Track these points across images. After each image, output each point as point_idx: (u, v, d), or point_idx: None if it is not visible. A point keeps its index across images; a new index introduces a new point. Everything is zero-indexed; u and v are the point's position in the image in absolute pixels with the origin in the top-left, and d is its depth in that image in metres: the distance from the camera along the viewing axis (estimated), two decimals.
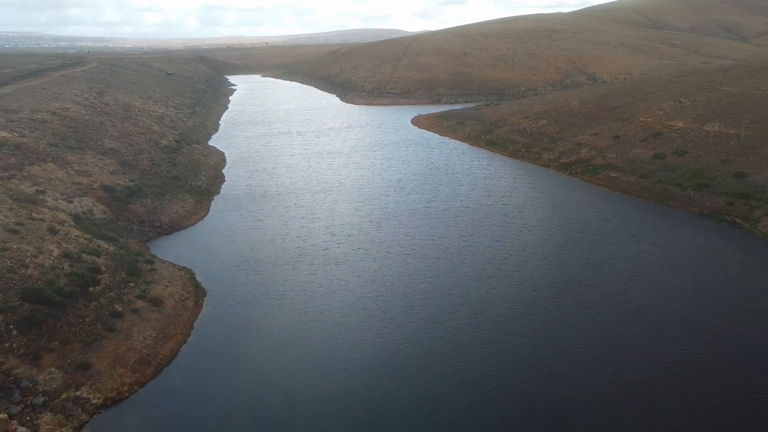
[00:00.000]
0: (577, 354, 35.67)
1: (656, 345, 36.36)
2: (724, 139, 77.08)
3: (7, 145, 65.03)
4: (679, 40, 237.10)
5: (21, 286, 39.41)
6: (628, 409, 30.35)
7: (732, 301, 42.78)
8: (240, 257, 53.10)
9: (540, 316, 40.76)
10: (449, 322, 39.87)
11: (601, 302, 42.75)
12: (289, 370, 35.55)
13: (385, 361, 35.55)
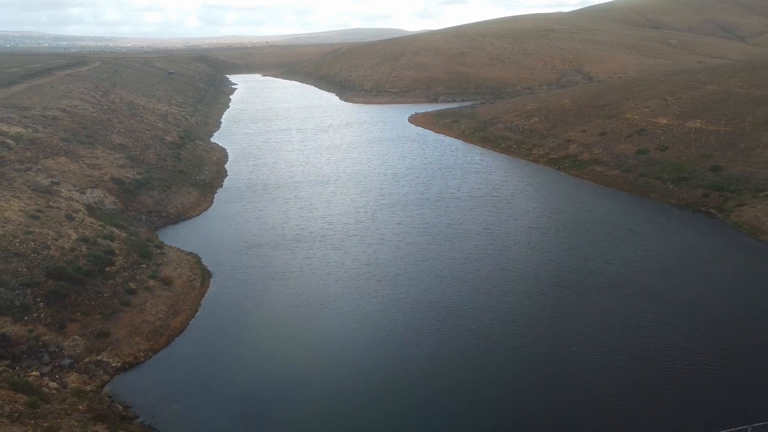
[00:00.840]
0: (550, 321, 39.99)
1: (625, 316, 40.64)
2: (704, 135, 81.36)
3: (23, 140, 69.41)
4: (675, 39, 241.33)
5: (45, 265, 43.82)
6: (590, 362, 34.62)
7: (697, 279, 47.13)
8: (242, 243, 57.41)
9: (519, 293, 44.94)
10: (436, 298, 44.14)
11: (577, 281, 47.02)
12: (287, 338, 39.88)
13: (376, 331, 39.89)
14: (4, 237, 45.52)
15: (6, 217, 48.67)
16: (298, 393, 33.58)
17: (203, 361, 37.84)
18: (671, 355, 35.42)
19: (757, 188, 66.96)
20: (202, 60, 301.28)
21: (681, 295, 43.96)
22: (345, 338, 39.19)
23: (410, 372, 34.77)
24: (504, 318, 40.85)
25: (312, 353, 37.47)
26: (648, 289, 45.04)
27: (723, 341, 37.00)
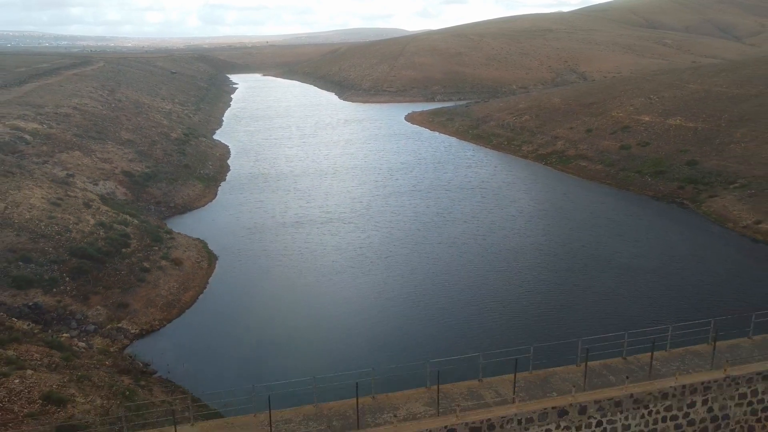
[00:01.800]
0: (521, 290, 45.16)
1: (587, 286, 45.78)
2: (683, 132, 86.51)
3: (39, 136, 74.70)
4: (671, 39, 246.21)
5: (68, 245, 49.12)
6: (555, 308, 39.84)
7: (658, 256, 52.43)
8: (245, 230, 62.62)
9: (499, 270, 50.00)
10: (422, 276, 49.28)
11: (551, 261, 52.13)
12: (287, 308, 45.10)
13: (367, 301, 45.10)
14: (31, 221, 50.84)
15: (31, 203, 53.98)
16: (296, 350, 38.77)
17: (212, 328, 43.00)
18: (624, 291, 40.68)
19: (728, 181, 72.19)
20: (203, 60, 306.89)
21: (640, 263, 49.23)
22: (339, 307, 44.38)
23: (396, 331, 40.01)
24: (486, 291, 45.98)
25: (308, 320, 42.65)
26: (616, 264, 50.21)
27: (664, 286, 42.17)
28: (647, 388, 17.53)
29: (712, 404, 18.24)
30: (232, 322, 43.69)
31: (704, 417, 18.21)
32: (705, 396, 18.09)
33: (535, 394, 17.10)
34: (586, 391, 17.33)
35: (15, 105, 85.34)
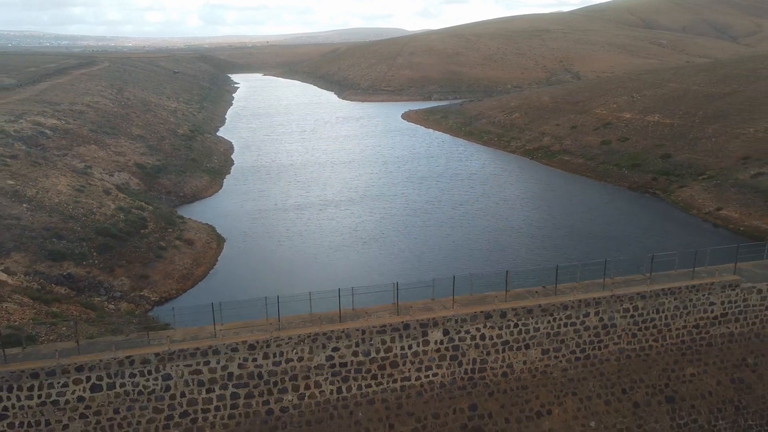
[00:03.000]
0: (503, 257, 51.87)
1: (544, 246, 52.44)
2: (660, 128, 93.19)
3: (58, 131, 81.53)
4: (667, 39, 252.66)
5: (94, 225, 55.93)
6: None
7: (615, 230, 59.46)
8: (250, 216, 69.36)
9: (480, 250, 56.66)
10: (409, 254, 55.95)
11: (526, 243, 58.78)
12: (288, 278, 51.80)
13: (357, 271, 51.82)
14: (60, 204, 57.69)
15: (58, 189, 60.82)
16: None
17: (221, 296, 49.59)
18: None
19: (698, 173, 78.91)
20: (205, 60, 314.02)
21: (598, 234, 56.19)
22: (334, 274, 51.12)
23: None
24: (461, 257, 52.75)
25: (308, 283, 49.31)
26: (587, 244, 56.96)
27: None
28: (552, 301, 24.02)
29: (602, 315, 24.73)
30: (241, 290, 50.38)
31: (596, 324, 24.71)
32: (596, 309, 24.57)
33: (471, 306, 23.71)
34: (507, 302, 23.87)
35: (33, 103, 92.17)
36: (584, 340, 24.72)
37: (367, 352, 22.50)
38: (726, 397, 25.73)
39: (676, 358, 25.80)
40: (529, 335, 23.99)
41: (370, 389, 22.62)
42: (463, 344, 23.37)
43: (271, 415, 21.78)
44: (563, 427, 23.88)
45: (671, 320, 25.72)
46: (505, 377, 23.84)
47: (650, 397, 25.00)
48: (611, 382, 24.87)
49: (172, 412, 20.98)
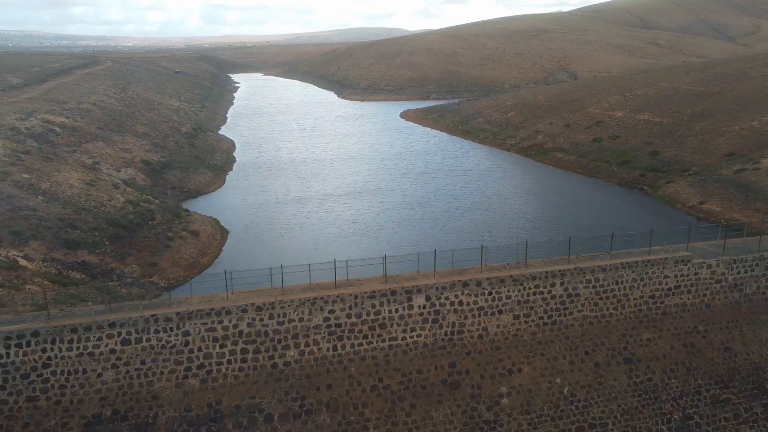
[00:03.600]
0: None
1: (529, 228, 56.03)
2: (649, 126, 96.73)
3: (67, 128, 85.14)
4: (664, 39, 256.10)
5: (105, 217, 59.55)
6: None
7: (597, 220, 63.00)
8: (252, 210, 72.93)
9: (472, 241, 60.12)
10: (405, 245, 59.43)
11: (517, 234, 62.28)
12: (287, 270, 55.29)
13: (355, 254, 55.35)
14: (72, 197, 61.30)
15: (71, 183, 64.42)
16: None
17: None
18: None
19: (684, 169, 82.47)
20: (205, 59, 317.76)
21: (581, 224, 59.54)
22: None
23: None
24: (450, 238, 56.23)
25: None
26: (564, 222, 60.45)
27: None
28: (522, 272, 27.41)
29: (567, 285, 28.12)
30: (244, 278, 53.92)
31: (562, 294, 28.08)
32: (562, 280, 27.96)
33: (451, 276, 27.16)
34: (483, 273, 27.28)
35: (42, 101, 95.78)
36: (551, 308, 28.20)
37: (359, 315, 25.99)
38: (678, 360, 29.17)
39: (633, 324, 29.26)
40: (501, 302, 27.47)
41: (362, 347, 26.10)
42: (443, 309, 26.85)
43: (275, 368, 25.25)
44: (532, 383, 27.33)
45: (629, 291, 29.19)
46: (481, 339, 27.32)
47: (610, 359, 28.46)
48: (575, 345, 28.32)
49: (190, 364, 24.45)
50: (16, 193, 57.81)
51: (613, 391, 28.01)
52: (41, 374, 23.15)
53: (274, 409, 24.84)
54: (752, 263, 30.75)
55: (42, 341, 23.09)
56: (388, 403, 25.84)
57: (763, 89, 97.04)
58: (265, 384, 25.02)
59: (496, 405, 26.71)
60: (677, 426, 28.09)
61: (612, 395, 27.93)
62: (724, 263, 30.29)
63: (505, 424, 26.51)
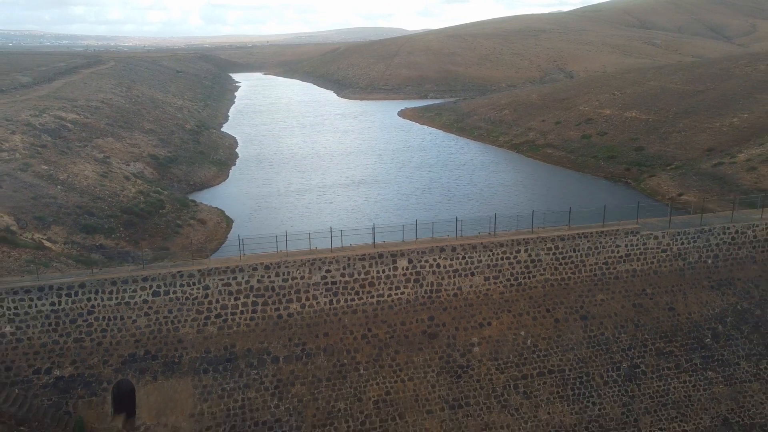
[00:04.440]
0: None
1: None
2: (636, 123, 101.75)
3: (78, 124, 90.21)
4: (661, 39, 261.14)
5: (119, 205, 64.59)
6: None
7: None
8: (255, 201, 77.96)
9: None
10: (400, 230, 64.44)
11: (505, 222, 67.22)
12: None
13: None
14: (88, 187, 66.36)
15: (86, 175, 69.49)
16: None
17: None
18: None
19: (666, 163, 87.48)
20: (206, 59, 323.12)
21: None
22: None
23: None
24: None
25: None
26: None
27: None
28: (492, 240, 32.30)
29: (530, 252, 33.01)
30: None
31: (526, 259, 32.98)
32: (526, 247, 32.88)
33: (430, 242, 32.03)
34: (457, 240, 32.13)
35: (53, 99, 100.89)
36: (517, 271, 33.05)
37: (351, 274, 30.88)
38: (628, 317, 34.01)
39: (589, 287, 34.10)
40: (473, 265, 32.33)
41: (354, 302, 30.96)
42: (424, 270, 31.73)
43: (280, 318, 30.11)
44: (499, 335, 32.19)
45: (585, 258, 34.03)
46: (456, 297, 32.19)
47: (568, 315, 33.30)
48: (538, 304, 33.15)
49: (209, 313, 29.31)
50: (37, 182, 62.86)
51: (570, 342, 32.91)
52: (86, 320, 28.09)
53: (279, 352, 29.79)
54: (694, 236, 35.68)
55: (87, 292, 28.04)
56: (375, 349, 30.78)
57: (745, 87, 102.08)
58: (272, 331, 29.95)
59: (469, 352, 31.64)
60: (625, 373, 33.02)
61: (569, 346, 32.84)
62: (669, 235, 35.21)
63: (476, 368, 31.45)
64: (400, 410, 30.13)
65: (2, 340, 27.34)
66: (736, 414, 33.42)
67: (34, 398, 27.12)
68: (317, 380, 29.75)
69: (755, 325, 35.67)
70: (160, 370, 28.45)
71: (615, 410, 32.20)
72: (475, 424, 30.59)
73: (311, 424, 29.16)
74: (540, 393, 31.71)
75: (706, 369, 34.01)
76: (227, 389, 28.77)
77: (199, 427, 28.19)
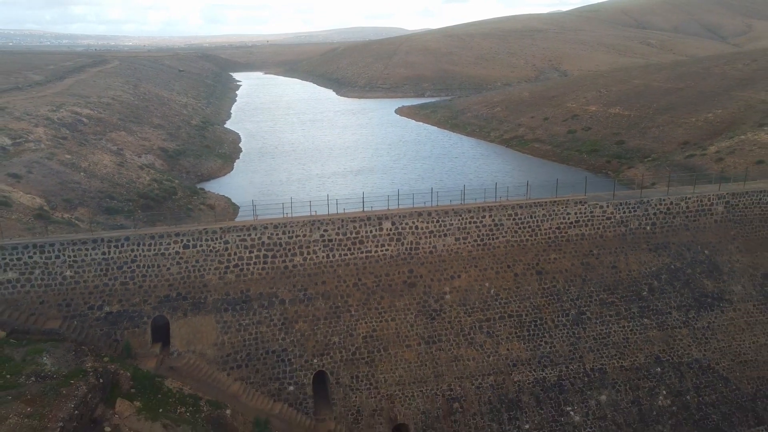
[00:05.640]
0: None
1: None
2: (619, 119, 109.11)
3: (93, 119, 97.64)
4: (656, 39, 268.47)
5: (136, 191, 72.01)
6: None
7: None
8: (259, 190, 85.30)
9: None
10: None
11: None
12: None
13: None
14: (108, 174, 73.74)
15: (104, 164, 76.89)
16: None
17: None
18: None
19: (644, 156, 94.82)
20: (207, 59, 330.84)
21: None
22: None
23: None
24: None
25: None
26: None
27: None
28: (462, 207, 39.60)
29: (494, 217, 40.17)
30: None
31: (490, 223, 40.13)
32: (490, 213, 40.00)
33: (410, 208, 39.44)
34: (433, 207, 39.58)
35: (67, 95, 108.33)
36: (483, 233, 40.26)
37: (345, 233, 38.12)
38: (576, 273, 41.16)
39: (544, 247, 41.24)
40: (446, 228, 39.54)
41: (347, 256, 38.14)
42: (404, 231, 38.93)
43: (286, 268, 37.31)
44: (467, 286, 39.36)
45: (541, 223, 41.17)
46: (431, 253, 39.38)
47: (526, 271, 40.48)
48: (500, 261, 40.31)
49: (228, 263, 36.49)
50: (62, 169, 70.21)
51: (526, 293, 40.14)
52: (130, 267, 35.34)
53: (285, 296, 37.05)
54: (634, 206, 42.90)
55: (131, 244, 35.30)
56: (364, 294, 38.02)
57: (722, 85, 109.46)
58: (280, 279, 37.19)
59: (441, 299, 38.89)
60: (573, 318, 40.24)
61: (526, 296, 40.06)
62: (613, 205, 42.43)
63: (447, 312, 38.69)
64: (384, 344, 37.39)
65: (63, 281, 34.61)
66: (667, 354, 40.66)
67: (90, 328, 34.38)
68: (316, 319, 37.01)
69: (686, 281, 42.92)
70: (190, 308, 35.71)
71: (564, 348, 39.43)
72: (446, 357, 37.85)
73: (311, 354, 36.43)
74: (501, 333, 38.95)
75: (642, 317, 41.24)
76: (243, 324, 36.03)
77: (221, 353, 35.46)
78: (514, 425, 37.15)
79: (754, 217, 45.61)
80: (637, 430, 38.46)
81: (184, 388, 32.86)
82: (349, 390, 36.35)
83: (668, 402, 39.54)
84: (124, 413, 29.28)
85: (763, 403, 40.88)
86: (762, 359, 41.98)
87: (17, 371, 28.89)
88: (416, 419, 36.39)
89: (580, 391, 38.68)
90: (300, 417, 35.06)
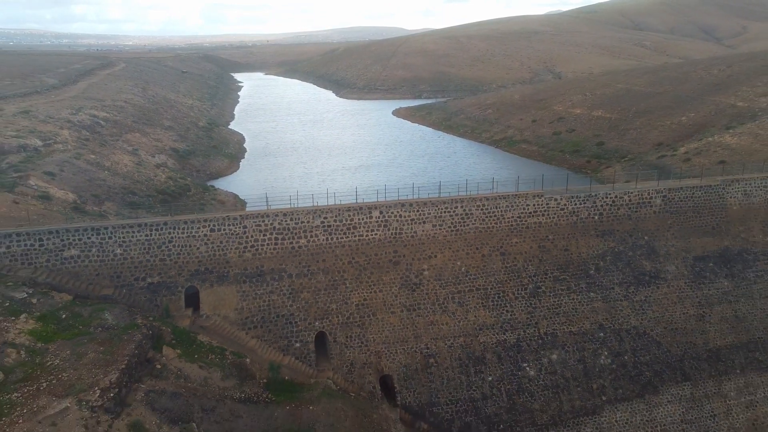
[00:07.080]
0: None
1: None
2: (601, 121, 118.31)
3: (109, 121, 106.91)
4: (651, 41, 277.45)
5: (154, 187, 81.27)
6: None
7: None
8: (264, 186, 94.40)
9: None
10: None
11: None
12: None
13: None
14: (128, 172, 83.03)
15: (124, 163, 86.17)
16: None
17: None
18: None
19: (621, 156, 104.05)
20: (208, 59, 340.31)
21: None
22: None
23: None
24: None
25: None
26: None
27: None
28: (438, 199, 48.68)
29: (464, 208, 49.39)
30: None
31: (462, 212, 49.27)
32: (461, 204, 49.07)
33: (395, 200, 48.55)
34: (414, 199, 48.72)
35: (83, 99, 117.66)
36: (455, 221, 49.43)
37: (341, 220, 47.33)
38: (534, 255, 50.27)
39: (507, 233, 50.38)
40: (425, 216, 48.73)
41: (343, 239, 47.30)
42: (390, 219, 48.11)
43: (293, 249, 46.46)
44: (442, 264, 48.50)
45: (505, 212, 50.31)
46: (412, 237, 48.55)
47: (491, 252, 49.62)
48: (470, 244, 49.42)
49: (246, 244, 45.62)
50: (89, 168, 79.48)
51: (492, 271, 49.31)
52: (168, 246, 44.53)
53: (292, 271, 46.27)
54: (584, 199, 52.10)
55: (168, 228, 44.51)
56: (357, 270, 47.23)
57: (697, 90, 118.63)
58: (288, 257, 46.40)
59: (421, 274, 48.11)
60: (530, 292, 49.41)
61: (491, 273, 49.23)
62: (566, 198, 51.62)
63: (425, 285, 47.90)
64: (373, 311, 46.60)
65: (114, 258, 43.81)
66: (609, 321, 49.85)
67: (136, 295, 43.58)
68: (318, 290, 46.23)
69: (627, 262, 52.09)
70: (215, 280, 44.93)
71: (522, 316, 48.63)
72: (424, 322, 47.08)
73: (314, 317, 45.65)
74: (469, 303, 48.15)
75: (589, 291, 50.43)
76: (259, 293, 45.26)
77: (240, 316, 44.69)
78: (479, 377, 46.35)
79: (687, 209, 54.82)
80: (582, 383, 47.69)
81: (212, 341, 42.05)
82: (344, 347, 45.54)
83: (609, 361, 48.74)
84: (169, 356, 38.48)
85: (690, 363, 50.09)
86: (690, 327, 51.17)
87: (87, 323, 38.12)
88: (399, 371, 45.57)
89: (535, 351, 47.85)
90: (304, 367, 44.26)
